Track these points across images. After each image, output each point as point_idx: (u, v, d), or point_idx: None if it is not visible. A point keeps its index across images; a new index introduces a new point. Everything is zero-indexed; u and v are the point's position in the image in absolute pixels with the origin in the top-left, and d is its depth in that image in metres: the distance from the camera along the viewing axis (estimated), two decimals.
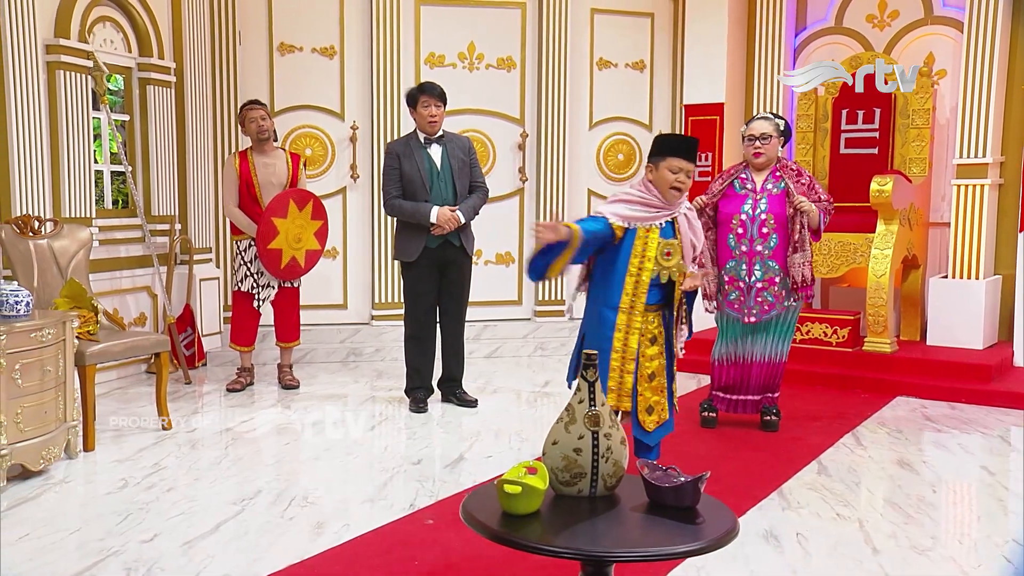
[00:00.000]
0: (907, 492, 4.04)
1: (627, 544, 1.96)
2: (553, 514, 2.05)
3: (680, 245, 3.71)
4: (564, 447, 2.13)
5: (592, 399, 2.14)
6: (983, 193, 6.47)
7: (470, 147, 5.53)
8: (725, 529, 2.01)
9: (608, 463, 2.12)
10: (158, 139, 6.47)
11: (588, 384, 2.15)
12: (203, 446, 4.70)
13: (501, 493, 2.03)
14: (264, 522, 3.61)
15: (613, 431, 2.15)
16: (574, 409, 2.15)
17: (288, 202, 5.80)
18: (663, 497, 2.12)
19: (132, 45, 6.35)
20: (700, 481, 2.12)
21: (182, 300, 6.57)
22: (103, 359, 4.67)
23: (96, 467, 4.31)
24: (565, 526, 2.02)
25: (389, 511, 3.75)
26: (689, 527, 2.02)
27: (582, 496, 2.15)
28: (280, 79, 7.07)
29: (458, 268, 5.44)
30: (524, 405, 5.76)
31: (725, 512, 2.14)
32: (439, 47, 7.30)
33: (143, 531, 3.48)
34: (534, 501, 2.03)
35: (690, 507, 2.12)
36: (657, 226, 3.67)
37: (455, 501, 3.85)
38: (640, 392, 3.73)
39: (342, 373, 6.56)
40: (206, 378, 6.33)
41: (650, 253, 3.65)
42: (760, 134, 4.95)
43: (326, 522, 3.61)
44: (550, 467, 2.12)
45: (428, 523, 3.62)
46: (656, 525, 2.05)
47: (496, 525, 1.98)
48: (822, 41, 7.42)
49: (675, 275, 3.67)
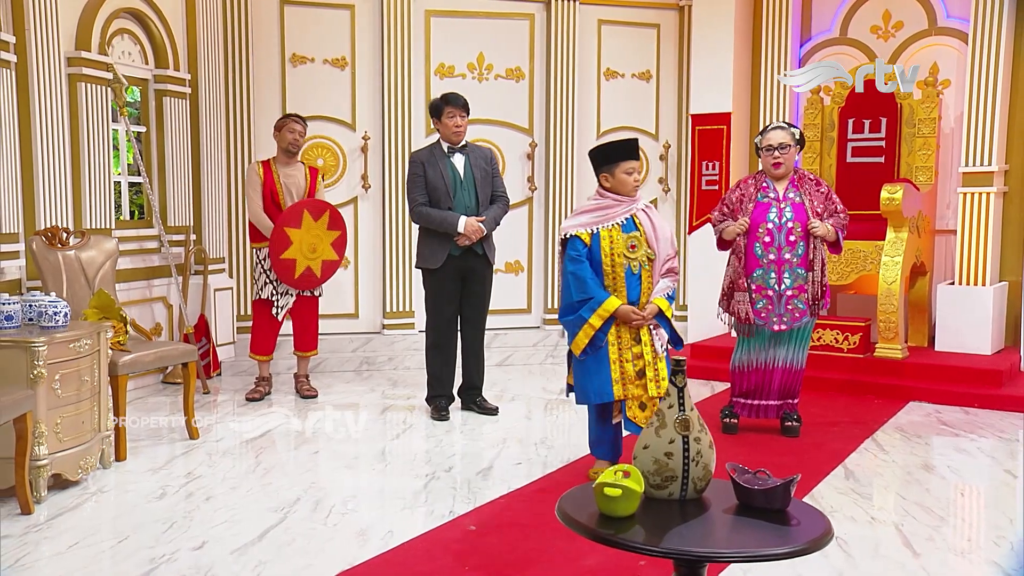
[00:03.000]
0: (936, 496, 4.12)
1: (728, 545, 2.02)
2: (648, 516, 2.11)
3: (644, 236, 4.12)
4: (655, 451, 2.19)
5: (681, 404, 2.20)
6: (989, 201, 6.58)
7: (492, 158, 5.60)
8: (821, 531, 2.07)
9: (698, 467, 2.19)
10: (173, 150, 6.50)
11: (677, 389, 2.21)
12: (233, 455, 4.73)
13: (600, 496, 2.09)
14: (308, 529, 3.65)
15: (702, 435, 2.22)
16: (664, 414, 2.22)
17: (302, 212, 5.85)
18: (753, 500, 2.18)
19: (149, 57, 6.39)
20: (791, 484, 2.18)
21: (197, 310, 6.60)
22: (134, 369, 4.70)
23: (131, 476, 4.33)
24: (663, 527, 2.08)
25: (430, 518, 3.80)
26: (785, 529, 2.09)
27: (672, 499, 2.22)
28: (292, 90, 7.12)
29: (480, 277, 5.51)
30: (544, 413, 5.82)
31: (816, 514, 2.21)
32: (449, 58, 7.38)
33: (191, 539, 3.52)
34: (632, 504, 2.09)
35: (780, 509, 2.18)
36: (618, 224, 4.10)
37: (495, 507, 3.92)
38: (630, 390, 4.09)
39: (357, 382, 6.60)
40: (221, 388, 6.36)
41: (618, 248, 4.09)
42: (778, 144, 5.04)
43: (369, 529, 3.65)
44: (641, 471, 2.18)
45: (471, 529, 3.67)
46: (752, 527, 2.11)
47: (596, 526, 2.05)
48: (827, 51, 7.52)
49: (644, 263, 4.12)
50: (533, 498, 4.06)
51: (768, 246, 4.99)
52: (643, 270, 4.12)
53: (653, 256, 4.13)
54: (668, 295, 4.17)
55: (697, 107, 7.64)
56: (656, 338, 4.15)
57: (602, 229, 4.10)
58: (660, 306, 4.12)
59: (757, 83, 7.59)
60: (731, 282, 5.13)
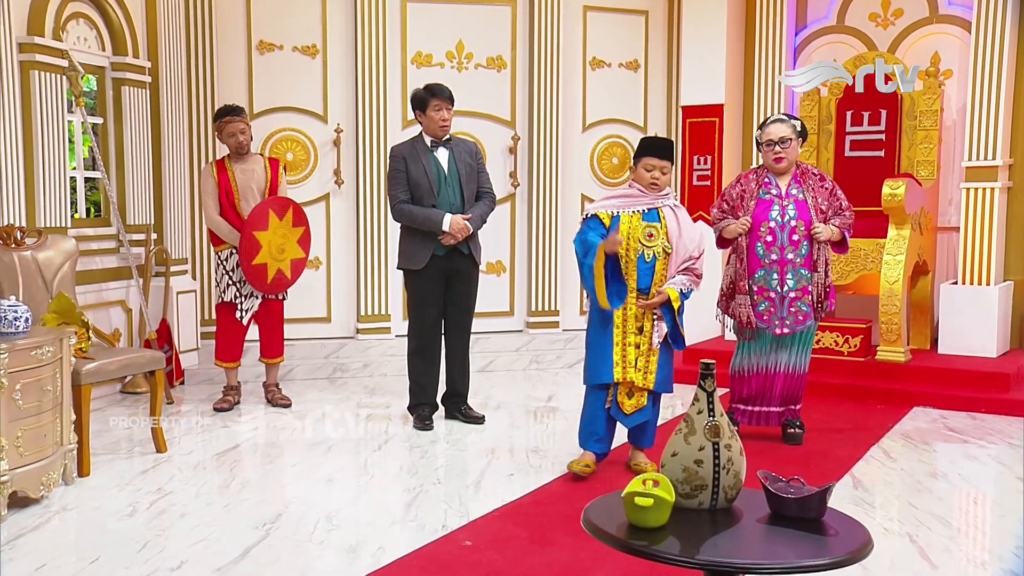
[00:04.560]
0: (949, 505, 4.19)
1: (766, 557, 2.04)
2: (679, 526, 2.13)
3: (664, 230, 4.39)
4: (684, 459, 2.22)
5: (711, 409, 2.23)
6: (993, 196, 6.69)
7: (477, 152, 5.62)
8: (861, 541, 2.10)
9: (729, 475, 2.22)
10: (133, 143, 6.45)
11: (706, 394, 2.23)
12: (205, 469, 4.70)
13: (631, 506, 2.10)
14: (293, 546, 3.64)
15: (733, 442, 2.24)
16: (692, 420, 2.24)
17: (267, 212, 5.82)
18: (786, 508, 2.21)
19: (106, 43, 6.33)
20: (827, 492, 2.21)
21: (158, 314, 6.54)
22: (98, 378, 4.65)
23: (96, 493, 4.29)
24: (697, 538, 2.10)
25: (422, 532, 3.80)
26: (822, 539, 2.12)
27: (702, 509, 2.24)
28: (259, 79, 7.09)
29: (466, 278, 5.51)
30: (532, 421, 5.84)
31: (853, 523, 2.24)
32: (426, 46, 7.38)
33: (168, 559, 3.50)
34: (663, 514, 2.11)
35: (815, 519, 2.21)
36: (639, 211, 4.40)
37: (490, 521, 3.93)
38: (629, 374, 4.41)
39: (331, 391, 6.57)
40: (185, 398, 6.31)
41: (635, 233, 4.37)
42: (779, 138, 5.08)
43: (359, 545, 3.65)
44: (669, 479, 2.19)
45: (467, 544, 3.68)
46: (787, 537, 2.14)
47: (627, 537, 2.06)
48: (823, 40, 7.62)
49: (659, 254, 4.37)
50: (529, 510, 4.08)
51: (770, 246, 5.04)
52: (657, 261, 4.39)
53: (670, 249, 4.38)
54: (683, 290, 4.41)
55: (688, 98, 7.69)
56: (655, 331, 4.40)
57: (623, 213, 4.42)
58: (670, 295, 4.35)
59: (751, 73, 7.66)
60: (731, 283, 5.18)
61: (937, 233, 7.18)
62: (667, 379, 4.54)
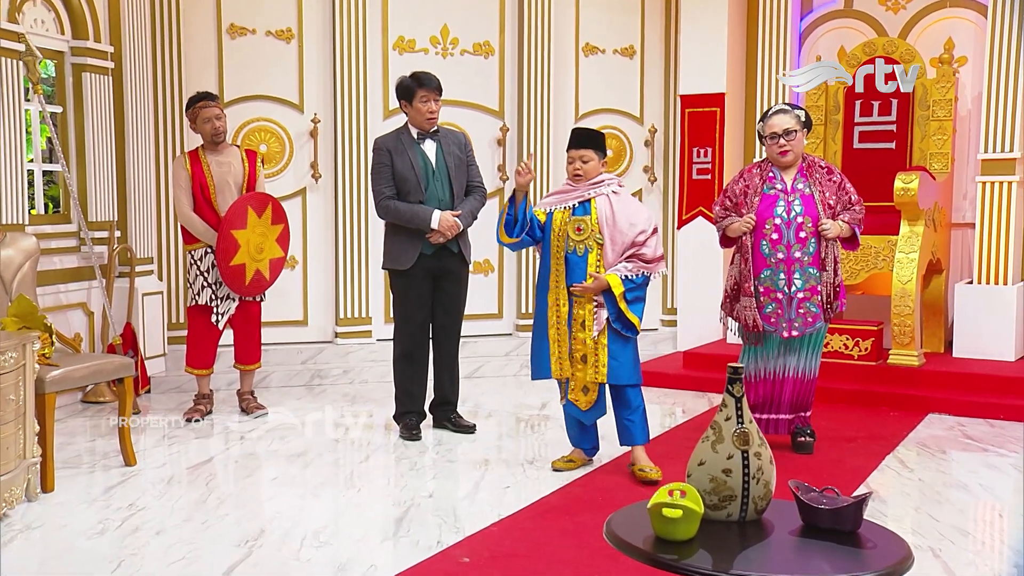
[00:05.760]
0: (971, 517, 4.23)
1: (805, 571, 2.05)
2: (708, 539, 2.14)
3: (595, 221, 4.64)
4: (712, 468, 2.22)
5: (740, 415, 2.24)
6: (1010, 191, 6.74)
7: (466, 143, 5.62)
8: (901, 554, 2.12)
9: (759, 484, 2.23)
10: (94, 133, 6.42)
11: (734, 400, 2.25)
12: (179, 483, 4.67)
13: (658, 517, 2.11)
14: (280, 564, 3.63)
15: (762, 449, 2.25)
16: (720, 427, 2.25)
17: (246, 210, 5.80)
18: (820, 520, 2.23)
19: (65, 26, 6.30)
20: (864, 503, 2.23)
21: (122, 318, 6.50)
22: (64, 386, 4.63)
23: (63, 510, 4.25)
24: (728, 551, 2.11)
25: (416, 549, 3.79)
26: (859, 552, 2.13)
27: (731, 520, 2.25)
28: (230, 66, 7.06)
29: (455, 278, 5.51)
30: (526, 430, 5.85)
31: (892, 536, 2.25)
32: (409, 31, 7.38)
33: None
34: (692, 526, 2.12)
35: (851, 531, 2.22)
36: (570, 207, 4.70)
37: (488, 536, 3.93)
38: (573, 373, 4.68)
39: (309, 399, 6.56)
40: (151, 407, 6.27)
41: (564, 228, 4.68)
42: (783, 130, 5.09)
43: (349, 563, 3.64)
44: (696, 490, 2.20)
45: (464, 561, 3.68)
46: (824, 550, 2.14)
47: (655, 551, 2.07)
48: (830, 25, 7.67)
49: (591, 246, 4.62)
50: (529, 525, 4.08)
51: (776, 244, 5.06)
52: (591, 253, 4.64)
53: (602, 241, 4.62)
54: (628, 276, 4.60)
55: (687, 87, 7.72)
56: (596, 321, 4.63)
57: (556, 210, 4.75)
58: (610, 282, 4.55)
59: (754, 60, 7.70)
60: (736, 284, 5.20)
61: (951, 230, 7.24)
62: (624, 368, 4.66)
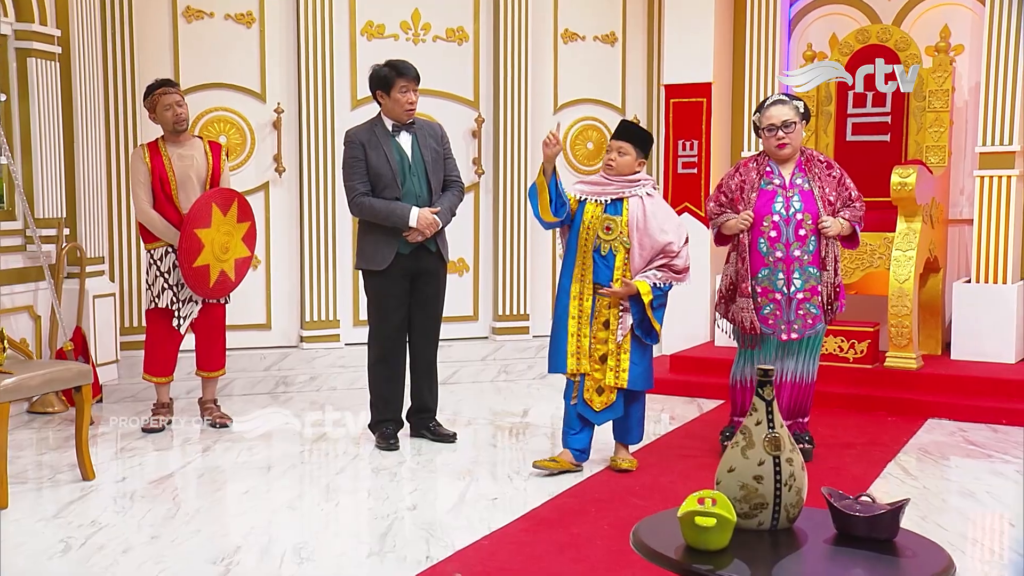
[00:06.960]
0: (982, 527, 4.32)
1: None
2: (741, 549, 2.18)
3: (625, 223, 4.77)
4: (742, 475, 2.27)
5: (771, 420, 2.28)
6: (1009, 185, 6.86)
7: (443, 135, 5.64)
8: (942, 564, 2.17)
9: (791, 491, 2.27)
10: (41, 123, 6.36)
11: (765, 403, 2.29)
12: (144, 498, 4.65)
13: (690, 526, 2.14)
14: None
15: (794, 455, 2.30)
16: (751, 432, 2.29)
17: (210, 207, 5.78)
18: (855, 528, 2.27)
19: (8, 8, 6.24)
20: (901, 511, 2.28)
21: (72, 322, 6.45)
22: (18, 395, 4.59)
23: (20, 527, 4.22)
24: (763, 561, 2.15)
25: (403, 565, 3.81)
26: (898, 561, 2.17)
27: (762, 529, 2.29)
28: (186, 52, 7.02)
29: (433, 278, 5.53)
30: (510, 439, 5.88)
31: (931, 545, 2.31)
32: (378, 15, 7.38)
33: None
34: (725, 535, 2.16)
35: (887, 540, 2.27)
36: (603, 202, 4.81)
37: (479, 551, 3.96)
38: (589, 373, 4.83)
39: (275, 407, 6.55)
40: (104, 417, 6.22)
41: (594, 224, 4.80)
42: (782, 122, 5.15)
43: None
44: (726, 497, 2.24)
45: None
46: (861, 559, 2.18)
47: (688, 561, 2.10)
48: (821, 11, 7.78)
49: (617, 248, 4.75)
50: (521, 539, 4.11)
51: (774, 242, 5.12)
52: (617, 255, 4.78)
53: (629, 245, 4.75)
54: (656, 284, 4.76)
55: (671, 76, 7.80)
56: (620, 325, 4.78)
57: (588, 202, 4.86)
58: (640, 289, 4.69)
59: (741, 48, 7.78)
60: (732, 284, 5.26)
61: (948, 226, 7.36)
62: (643, 375, 4.86)
